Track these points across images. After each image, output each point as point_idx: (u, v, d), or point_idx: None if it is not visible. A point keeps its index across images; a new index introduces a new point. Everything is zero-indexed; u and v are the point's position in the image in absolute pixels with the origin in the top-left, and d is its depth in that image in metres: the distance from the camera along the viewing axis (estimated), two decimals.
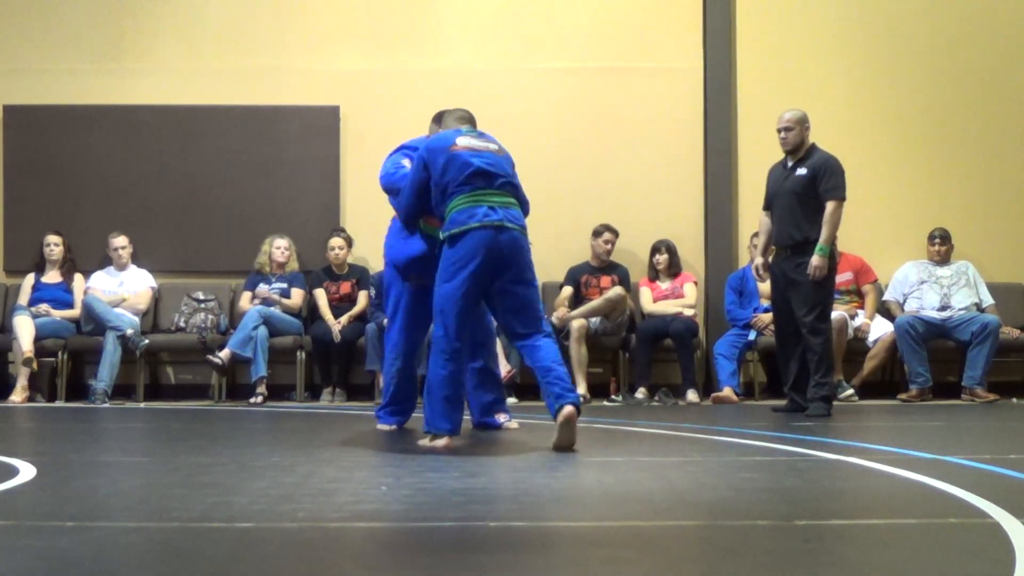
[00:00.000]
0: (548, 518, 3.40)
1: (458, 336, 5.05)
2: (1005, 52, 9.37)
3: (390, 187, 5.70)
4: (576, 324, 8.37)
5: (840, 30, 9.35)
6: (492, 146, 5.31)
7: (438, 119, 5.74)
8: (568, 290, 8.76)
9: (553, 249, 8.95)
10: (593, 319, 8.51)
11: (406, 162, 5.66)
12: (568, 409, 4.86)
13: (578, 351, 8.36)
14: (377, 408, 6.14)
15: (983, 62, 9.34)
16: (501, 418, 5.96)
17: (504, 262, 5.05)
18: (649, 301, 8.74)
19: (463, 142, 5.24)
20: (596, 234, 8.80)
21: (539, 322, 5.14)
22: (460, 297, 5.04)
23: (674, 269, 8.86)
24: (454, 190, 5.12)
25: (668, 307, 8.65)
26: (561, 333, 8.36)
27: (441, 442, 5.02)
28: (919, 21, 9.34)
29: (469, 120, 5.53)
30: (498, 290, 5.13)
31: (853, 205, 7.51)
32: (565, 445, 4.88)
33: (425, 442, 5.09)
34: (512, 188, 5.21)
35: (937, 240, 8.82)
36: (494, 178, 5.13)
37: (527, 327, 5.12)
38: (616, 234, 8.83)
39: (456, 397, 5.08)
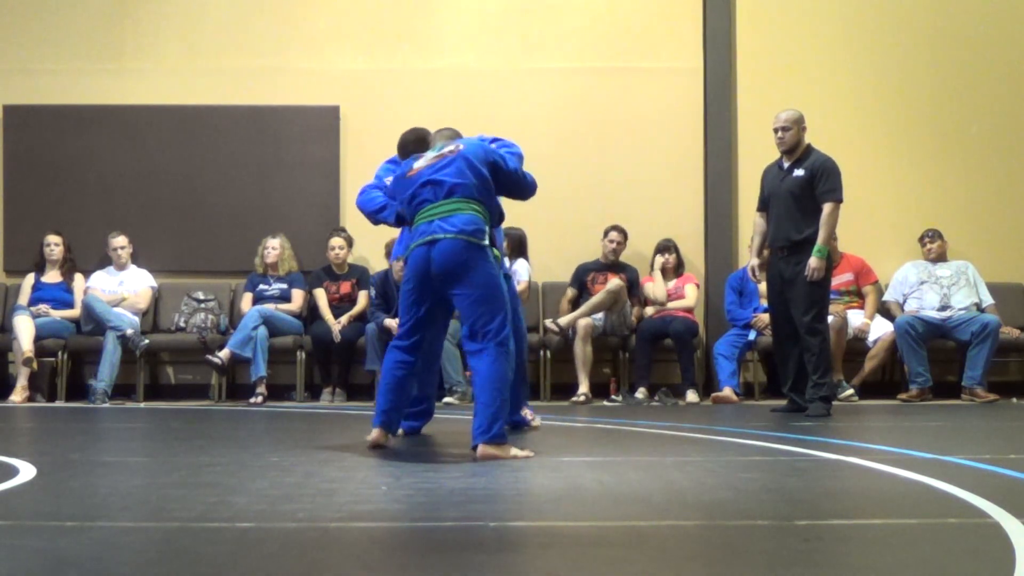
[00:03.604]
0: (548, 518, 3.40)
1: (408, 334, 5.05)
2: (1005, 52, 9.36)
3: (368, 214, 5.71)
4: (583, 323, 8.37)
5: (840, 31, 9.34)
6: (448, 149, 5.11)
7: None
8: (571, 292, 8.79)
9: (552, 249, 8.97)
10: (598, 317, 8.50)
11: (388, 179, 5.60)
12: (480, 450, 4.72)
13: (583, 350, 8.36)
14: None
15: (984, 62, 9.34)
16: (526, 413, 6.04)
17: (437, 271, 4.90)
18: (659, 291, 8.67)
19: (418, 164, 5.18)
20: (604, 234, 8.83)
21: (479, 337, 4.85)
22: (408, 304, 5.05)
23: (679, 270, 8.87)
24: (411, 212, 5.12)
25: (668, 307, 8.67)
26: (564, 333, 8.38)
27: (369, 436, 5.00)
28: (919, 22, 9.34)
29: (446, 136, 5.40)
30: (454, 303, 5.04)
31: (853, 206, 7.52)
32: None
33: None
34: (464, 189, 4.98)
35: (927, 239, 8.84)
36: (441, 188, 5.00)
37: (467, 342, 4.95)
38: (624, 234, 8.85)
39: (386, 389, 5.03)
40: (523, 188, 5.33)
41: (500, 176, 5.15)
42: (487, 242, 4.97)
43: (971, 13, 9.36)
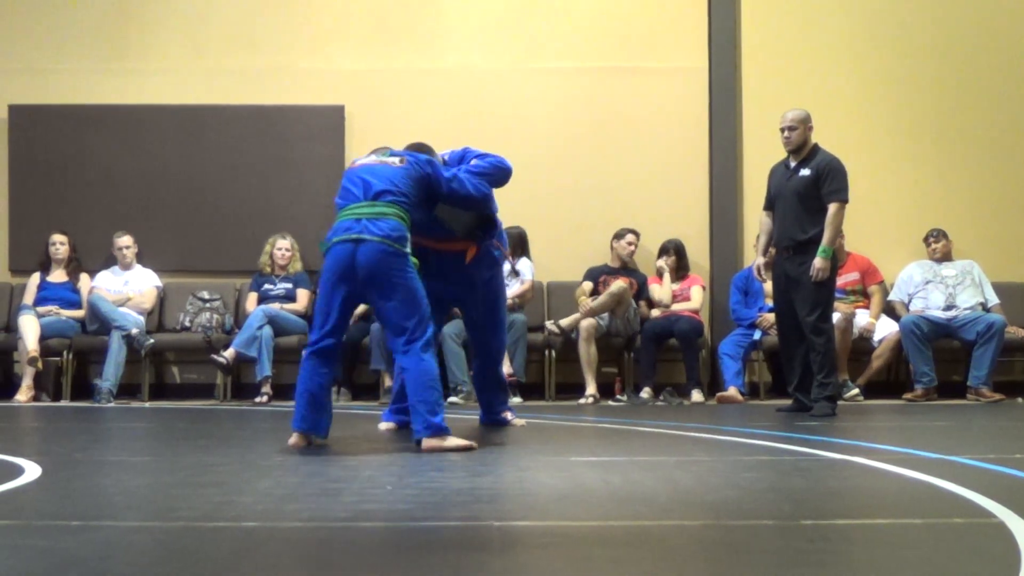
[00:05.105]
0: (552, 517, 3.40)
1: (324, 336, 5.10)
2: (1010, 52, 9.35)
3: None
4: (585, 324, 8.36)
5: (844, 30, 9.33)
6: (393, 160, 5.26)
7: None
8: (588, 285, 8.75)
9: (556, 248, 8.97)
10: (602, 317, 8.47)
11: None
12: (424, 444, 4.91)
13: (587, 350, 8.35)
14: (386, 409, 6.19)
15: (988, 62, 9.33)
16: (507, 415, 6.18)
17: (362, 273, 5.01)
18: (664, 292, 8.68)
19: (363, 160, 5.36)
20: (618, 236, 8.80)
21: (403, 337, 5.00)
22: (325, 304, 5.13)
23: (682, 271, 8.85)
24: (339, 205, 5.25)
25: (673, 308, 8.66)
26: (572, 333, 8.37)
27: (291, 440, 5.06)
28: (924, 22, 9.32)
29: (415, 148, 5.57)
30: (372, 303, 5.21)
31: (858, 205, 7.52)
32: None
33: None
34: (394, 196, 5.11)
35: (932, 239, 8.83)
36: (369, 188, 5.14)
37: (393, 342, 5.10)
38: (638, 236, 8.83)
39: (309, 393, 5.06)
40: (470, 204, 5.52)
41: (439, 193, 5.36)
42: (408, 249, 5.09)
43: (976, 13, 9.35)
